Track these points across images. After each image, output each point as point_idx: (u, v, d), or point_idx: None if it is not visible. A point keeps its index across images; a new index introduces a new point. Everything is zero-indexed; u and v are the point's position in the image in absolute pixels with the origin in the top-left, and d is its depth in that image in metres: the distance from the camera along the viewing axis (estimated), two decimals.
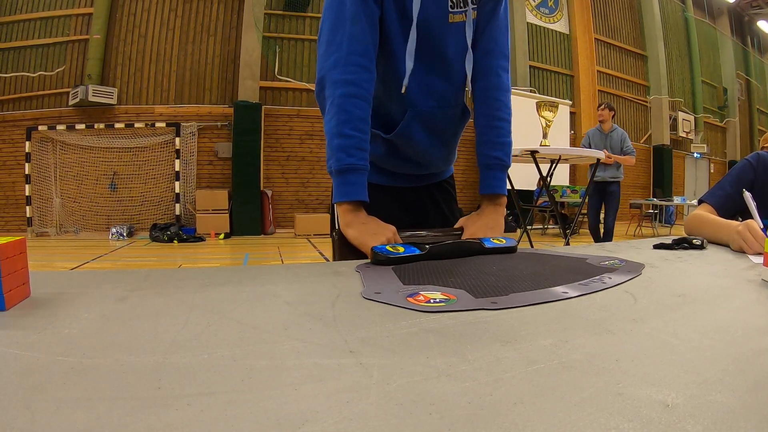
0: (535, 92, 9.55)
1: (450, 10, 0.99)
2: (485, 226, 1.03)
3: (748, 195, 1.01)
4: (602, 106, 4.92)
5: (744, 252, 0.90)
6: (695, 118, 12.67)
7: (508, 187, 1.22)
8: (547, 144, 3.57)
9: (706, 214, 1.18)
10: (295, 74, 8.43)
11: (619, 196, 5.03)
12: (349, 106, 0.92)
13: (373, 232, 0.91)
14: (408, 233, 0.97)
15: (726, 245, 0.98)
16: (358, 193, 0.93)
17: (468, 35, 1.01)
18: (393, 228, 0.94)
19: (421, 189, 1.19)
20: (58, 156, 7.61)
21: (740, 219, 1.09)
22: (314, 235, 7.56)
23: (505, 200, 1.08)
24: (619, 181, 4.96)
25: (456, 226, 1.06)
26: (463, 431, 0.24)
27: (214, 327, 0.42)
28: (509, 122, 1.08)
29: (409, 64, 0.97)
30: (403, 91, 0.98)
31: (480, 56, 1.04)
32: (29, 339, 0.38)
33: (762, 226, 0.92)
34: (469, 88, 1.05)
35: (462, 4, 1.00)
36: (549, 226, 9.52)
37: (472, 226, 1.03)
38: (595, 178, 4.58)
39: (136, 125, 7.73)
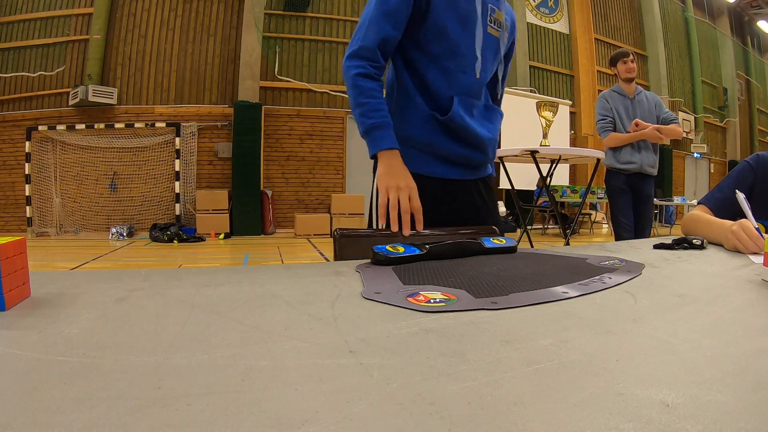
0: (535, 92, 9.54)
1: (489, 23, 1.21)
2: None
3: (740, 195, 1.01)
4: (631, 57, 3.13)
5: (738, 251, 0.90)
6: (695, 118, 12.67)
7: (508, 187, 1.33)
8: (547, 144, 3.57)
9: (702, 213, 1.18)
10: (295, 74, 8.43)
11: (653, 205, 3.30)
12: (360, 82, 1.11)
13: (394, 175, 1.08)
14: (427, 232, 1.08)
15: (720, 245, 0.98)
16: (383, 143, 1.10)
17: (501, 50, 1.26)
18: (413, 185, 1.09)
19: (470, 183, 1.29)
20: (58, 156, 7.61)
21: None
22: (314, 235, 7.56)
23: None
24: (655, 177, 3.20)
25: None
26: (463, 431, 0.24)
27: (214, 327, 0.42)
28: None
29: (479, 57, 1.19)
30: (477, 75, 1.20)
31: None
32: (29, 339, 0.38)
33: (756, 226, 0.92)
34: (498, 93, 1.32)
35: (497, 25, 1.24)
36: (549, 226, 9.52)
37: None
38: (621, 166, 3.06)
39: (136, 125, 7.73)
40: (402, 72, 1.20)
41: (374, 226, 1.20)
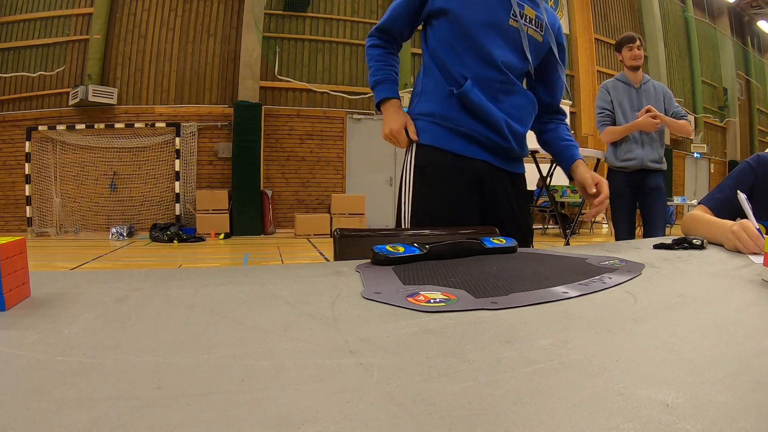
0: None
1: (511, 15, 1.26)
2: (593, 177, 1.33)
3: (742, 196, 1.01)
4: (638, 43, 2.79)
5: (739, 251, 0.90)
6: (695, 118, 12.67)
7: None
8: None
9: (702, 213, 1.18)
10: (295, 74, 8.43)
11: (665, 199, 2.93)
12: (369, 51, 1.36)
13: (387, 121, 1.30)
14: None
15: (720, 245, 0.98)
16: (381, 94, 1.32)
17: (525, 45, 1.29)
18: (402, 122, 1.30)
19: (495, 171, 1.33)
20: (58, 156, 7.61)
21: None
22: (314, 235, 7.56)
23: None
24: (664, 172, 2.86)
25: (587, 180, 1.31)
26: (463, 431, 0.24)
27: (214, 327, 0.42)
28: None
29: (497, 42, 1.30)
30: (496, 62, 1.26)
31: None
32: (29, 339, 0.38)
33: (756, 226, 0.92)
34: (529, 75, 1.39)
35: (526, 20, 1.29)
36: (549, 226, 9.52)
37: (587, 172, 1.34)
38: (621, 164, 2.79)
39: (136, 125, 7.73)
40: (426, 55, 1.34)
41: (402, 225, 1.30)
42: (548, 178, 3.85)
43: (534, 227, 9.22)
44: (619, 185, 2.82)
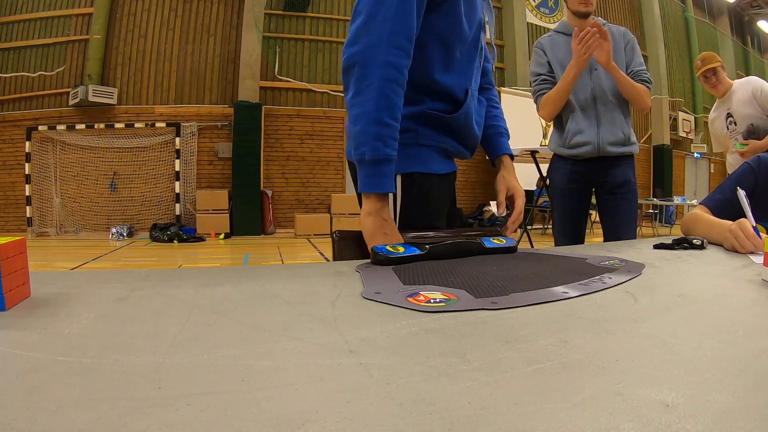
0: None
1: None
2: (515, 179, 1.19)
3: (741, 192, 1.01)
4: None
5: (737, 251, 0.90)
6: (695, 118, 12.67)
7: None
8: (547, 144, 3.57)
9: (702, 213, 1.18)
10: (295, 74, 8.43)
11: (636, 198, 2.02)
12: (389, 92, 0.89)
13: (388, 233, 0.92)
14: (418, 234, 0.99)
15: (720, 244, 0.98)
16: (389, 185, 0.93)
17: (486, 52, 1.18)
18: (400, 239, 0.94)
19: (451, 176, 1.18)
20: (58, 156, 7.61)
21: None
22: (314, 235, 7.56)
23: None
24: (633, 159, 2.01)
25: (500, 187, 1.18)
26: (463, 431, 0.24)
27: (214, 327, 0.42)
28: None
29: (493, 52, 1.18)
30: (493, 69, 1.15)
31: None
32: (29, 339, 0.38)
33: (754, 225, 0.92)
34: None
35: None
36: (549, 226, 9.52)
37: (513, 180, 1.18)
38: (569, 151, 1.96)
39: (136, 125, 7.73)
40: None
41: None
42: (548, 178, 3.85)
43: (534, 227, 9.23)
44: (563, 180, 2.00)
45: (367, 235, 0.92)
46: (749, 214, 0.97)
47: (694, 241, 0.95)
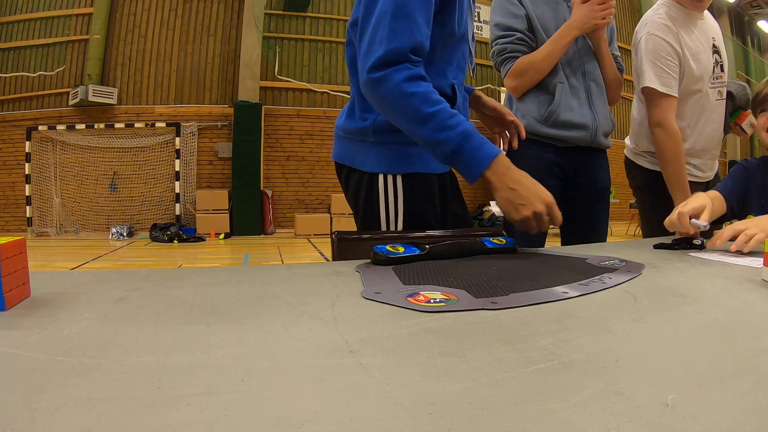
0: None
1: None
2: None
3: (700, 223, 0.99)
4: None
5: (736, 250, 0.90)
6: None
7: None
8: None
9: (710, 191, 1.16)
10: (295, 74, 8.43)
11: (608, 201, 1.63)
12: (425, 89, 0.89)
13: (526, 183, 0.88)
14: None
15: (715, 244, 0.97)
16: (491, 148, 0.88)
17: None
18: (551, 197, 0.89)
19: (446, 176, 1.19)
20: (58, 156, 7.61)
21: (735, 220, 1.09)
22: (314, 235, 7.56)
23: None
24: (607, 147, 1.58)
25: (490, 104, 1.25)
26: (463, 431, 0.24)
27: (214, 327, 0.42)
28: None
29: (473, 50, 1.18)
30: (472, 68, 1.17)
31: None
32: (29, 339, 0.38)
33: (705, 225, 0.95)
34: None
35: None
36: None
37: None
38: (556, 129, 1.47)
39: (136, 125, 7.73)
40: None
41: (385, 228, 1.07)
42: None
43: None
44: (537, 173, 1.00)
45: (535, 200, 0.87)
46: (699, 222, 0.97)
47: (694, 241, 0.95)
